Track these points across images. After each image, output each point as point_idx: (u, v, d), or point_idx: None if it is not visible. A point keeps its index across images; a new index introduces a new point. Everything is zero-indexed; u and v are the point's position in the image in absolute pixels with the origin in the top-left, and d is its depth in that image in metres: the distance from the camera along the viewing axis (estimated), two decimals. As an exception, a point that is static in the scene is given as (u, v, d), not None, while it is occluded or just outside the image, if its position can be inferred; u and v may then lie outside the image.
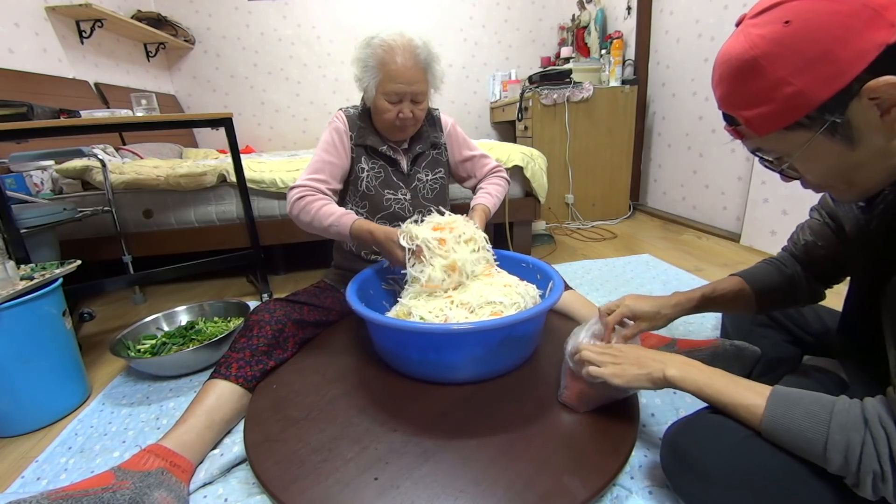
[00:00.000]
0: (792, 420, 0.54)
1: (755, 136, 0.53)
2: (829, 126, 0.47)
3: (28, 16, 2.19)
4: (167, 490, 0.74)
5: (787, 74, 0.46)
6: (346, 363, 1.06)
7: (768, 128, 0.51)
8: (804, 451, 0.54)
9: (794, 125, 0.49)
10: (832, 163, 0.51)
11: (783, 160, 0.54)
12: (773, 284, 0.85)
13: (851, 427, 0.50)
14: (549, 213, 2.79)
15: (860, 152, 0.49)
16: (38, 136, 1.30)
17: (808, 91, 0.46)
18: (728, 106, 0.54)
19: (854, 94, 0.45)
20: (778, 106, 0.48)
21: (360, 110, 1.22)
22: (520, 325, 0.89)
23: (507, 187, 1.35)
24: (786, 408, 0.55)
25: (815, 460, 0.53)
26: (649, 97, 2.90)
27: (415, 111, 1.13)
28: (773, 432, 0.56)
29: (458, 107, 3.88)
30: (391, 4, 3.58)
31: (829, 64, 0.45)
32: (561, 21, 3.75)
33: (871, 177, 0.51)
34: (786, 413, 0.55)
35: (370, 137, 1.18)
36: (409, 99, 1.11)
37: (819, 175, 0.54)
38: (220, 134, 1.72)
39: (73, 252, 1.41)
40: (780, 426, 0.55)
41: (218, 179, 1.84)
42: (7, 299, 0.97)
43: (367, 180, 1.19)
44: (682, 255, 2.09)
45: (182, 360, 1.20)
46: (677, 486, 0.66)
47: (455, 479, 0.71)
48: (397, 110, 1.11)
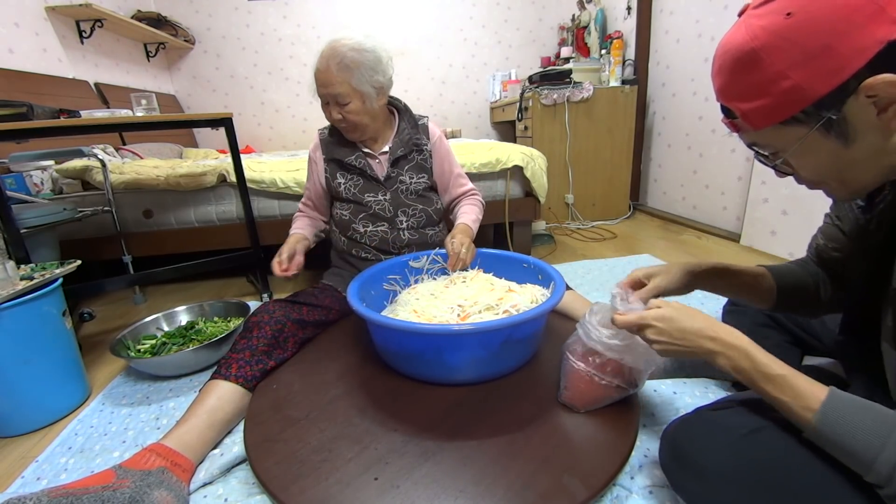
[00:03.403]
0: (848, 428, 0.51)
1: (751, 130, 0.53)
2: (824, 123, 0.47)
3: (28, 16, 2.19)
4: (167, 489, 0.74)
5: (786, 68, 0.46)
6: (346, 363, 1.06)
7: (764, 122, 0.51)
8: (850, 456, 0.51)
9: (789, 120, 0.49)
10: (826, 160, 0.51)
11: (778, 155, 0.54)
12: (796, 281, 0.80)
13: None
14: (549, 213, 2.79)
15: (855, 150, 0.48)
16: (38, 136, 1.30)
17: (805, 86, 0.46)
18: (726, 97, 0.54)
19: (851, 91, 0.45)
20: (774, 100, 0.48)
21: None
22: (521, 325, 0.89)
23: (482, 210, 1.39)
24: (844, 415, 0.52)
25: (855, 467, 0.51)
26: (649, 97, 2.90)
27: (342, 113, 1.16)
28: (823, 435, 0.52)
29: (458, 107, 3.88)
30: (391, 4, 3.58)
31: (828, 59, 0.44)
32: (561, 21, 3.74)
33: (864, 176, 0.51)
34: (842, 417, 0.52)
35: (338, 150, 1.26)
36: (334, 101, 1.16)
37: (813, 172, 0.54)
38: (220, 134, 1.72)
39: (73, 252, 1.41)
40: (834, 431, 0.52)
41: (218, 179, 1.84)
42: (7, 299, 0.97)
43: (346, 190, 1.26)
44: (682, 255, 2.09)
45: (182, 360, 1.20)
46: (676, 484, 0.66)
47: (455, 479, 0.71)
48: (328, 112, 1.19)
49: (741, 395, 0.69)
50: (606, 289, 1.71)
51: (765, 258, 1.99)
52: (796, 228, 1.89)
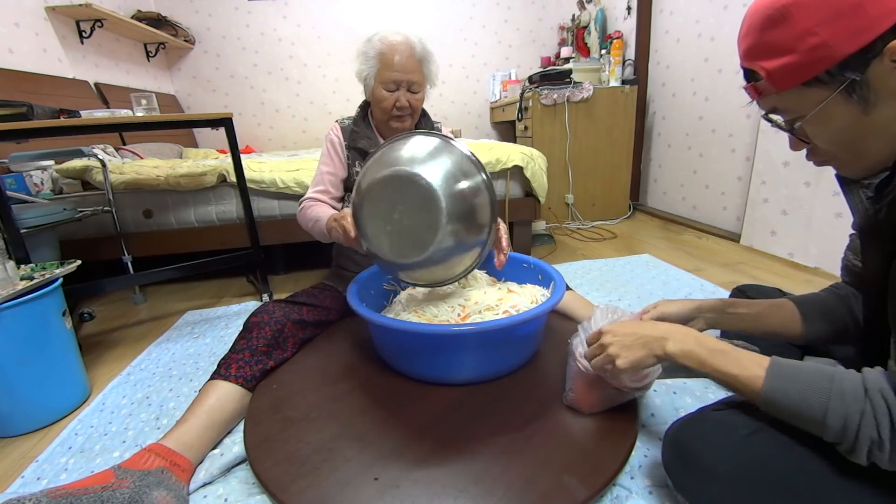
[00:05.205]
0: (792, 388, 0.54)
1: (773, 93, 0.54)
2: (847, 86, 0.48)
3: (28, 16, 2.19)
4: (167, 489, 0.74)
5: (814, 24, 0.47)
6: (346, 363, 1.06)
7: (788, 82, 0.52)
8: (802, 418, 0.54)
9: (812, 81, 0.50)
10: (845, 126, 0.51)
11: (796, 121, 0.54)
12: (819, 301, 0.78)
13: (851, 396, 0.50)
14: (549, 213, 2.79)
15: (874, 117, 0.49)
16: (38, 136, 1.30)
17: (832, 43, 0.47)
18: (751, 58, 0.54)
19: (877, 53, 0.46)
20: (801, 57, 0.49)
21: (356, 117, 1.29)
22: (521, 325, 0.89)
23: None
24: (786, 377, 0.55)
25: (811, 428, 0.53)
26: (649, 97, 2.90)
27: (411, 100, 1.19)
28: (773, 401, 0.55)
29: (458, 107, 3.87)
30: (391, 4, 3.58)
31: (856, 17, 0.46)
32: (561, 21, 3.74)
33: (879, 148, 0.52)
34: (786, 382, 0.55)
35: (362, 141, 1.25)
36: (406, 87, 1.17)
37: (828, 140, 0.54)
38: (220, 134, 1.72)
39: (73, 252, 1.41)
40: (780, 394, 0.55)
41: (218, 179, 1.84)
42: (7, 299, 0.97)
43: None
44: (682, 255, 2.09)
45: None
46: (679, 484, 0.66)
47: (455, 479, 0.71)
48: (394, 99, 1.18)
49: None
50: (607, 289, 1.71)
51: (765, 258, 1.99)
52: (796, 228, 1.89)
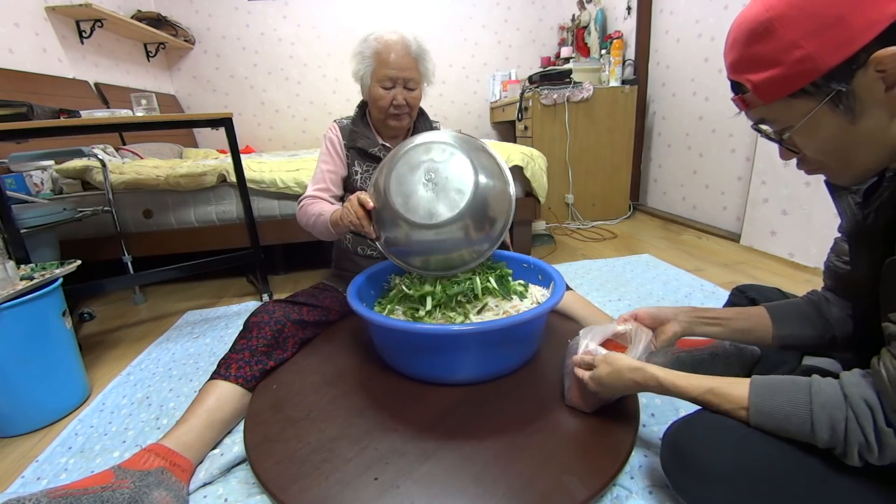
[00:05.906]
0: (775, 407, 0.56)
1: (760, 105, 0.54)
2: (833, 96, 0.48)
3: (28, 16, 2.19)
4: (167, 489, 0.74)
5: (799, 37, 0.47)
6: (346, 363, 1.06)
7: (774, 94, 0.52)
8: (793, 433, 0.56)
9: (799, 92, 0.50)
10: (832, 136, 0.52)
11: (785, 131, 0.55)
12: (791, 307, 0.79)
13: (832, 405, 0.53)
14: (549, 213, 2.79)
15: (861, 127, 0.50)
16: (38, 136, 1.30)
17: (816, 55, 0.47)
18: (738, 70, 0.55)
19: (861, 64, 0.46)
20: (786, 70, 0.49)
21: (354, 116, 1.29)
22: (520, 325, 0.89)
23: None
24: (767, 397, 0.57)
25: (804, 440, 0.55)
26: (649, 97, 2.90)
27: (408, 98, 1.19)
28: (761, 422, 0.58)
29: (458, 107, 3.88)
30: (391, 4, 3.58)
31: (840, 30, 0.46)
32: (561, 21, 3.74)
33: (866, 156, 0.52)
34: (768, 402, 0.57)
35: (361, 140, 1.25)
36: (402, 85, 1.17)
37: (818, 149, 0.54)
38: (220, 134, 1.72)
39: (73, 252, 1.41)
40: (767, 415, 0.57)
41: (218, 179, 1.84)
42: (7, 299, 0.97)
43: (361, 181, 1.25)
44: (682, 255, 2.09)
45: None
46: (678, 484, 0.66)
47: (455, 479, 0.71)
48: (391, 96, 1.17)
49: None
50: (607, 289, 1.71)
51: (765, 258, 1.99)
52: (796, 228, 1.89)
